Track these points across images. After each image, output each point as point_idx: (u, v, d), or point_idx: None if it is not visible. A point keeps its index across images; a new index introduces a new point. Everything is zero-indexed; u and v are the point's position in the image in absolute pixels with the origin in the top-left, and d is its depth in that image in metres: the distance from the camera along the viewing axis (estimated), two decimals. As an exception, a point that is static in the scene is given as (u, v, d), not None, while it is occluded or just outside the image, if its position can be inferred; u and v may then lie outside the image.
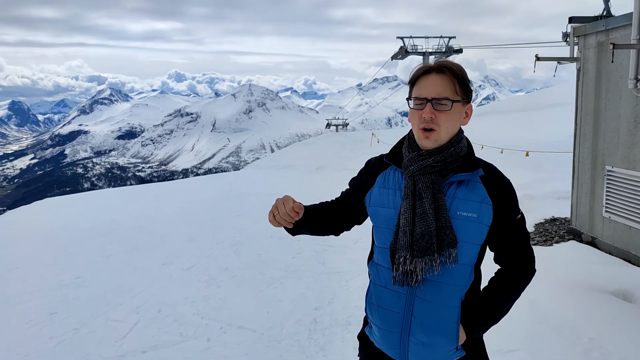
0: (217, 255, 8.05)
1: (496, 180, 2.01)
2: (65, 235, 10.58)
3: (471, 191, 1.96)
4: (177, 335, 5.02)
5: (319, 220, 2.20)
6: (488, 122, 29.90)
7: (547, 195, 10.22)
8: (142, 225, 11.07)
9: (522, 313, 4.88)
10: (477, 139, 18.51)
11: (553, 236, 7.82)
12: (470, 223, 1.93)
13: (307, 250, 8.03)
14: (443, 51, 38.30)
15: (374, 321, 2.08)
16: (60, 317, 5.66)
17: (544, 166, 15.52)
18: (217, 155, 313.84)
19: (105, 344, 4.84)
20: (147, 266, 7.67)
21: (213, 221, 11.08)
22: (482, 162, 2.05)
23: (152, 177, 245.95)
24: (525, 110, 34.46)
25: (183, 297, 6.11)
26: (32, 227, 12.39)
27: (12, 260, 8.78)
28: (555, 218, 8.79)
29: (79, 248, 9.23)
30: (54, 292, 6.61)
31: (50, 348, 4.84)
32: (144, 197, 17.20)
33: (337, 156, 25.78)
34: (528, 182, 12.45)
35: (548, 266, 6.24)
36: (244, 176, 23.25)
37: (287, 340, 4.79)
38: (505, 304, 2.05)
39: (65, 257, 8.61)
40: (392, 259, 1.96)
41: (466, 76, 1.96)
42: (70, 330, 5.23)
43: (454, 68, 1.93)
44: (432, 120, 1.90)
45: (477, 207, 1.94)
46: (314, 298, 5.91)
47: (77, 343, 4.92)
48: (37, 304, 6.15)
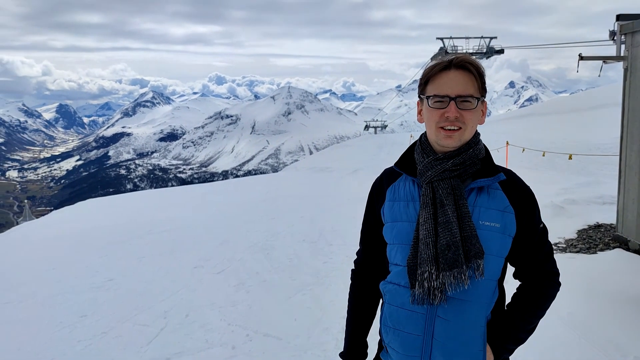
0: (248, 259, 7.98)
1: (517, 186, 1.87)
2: (103, 236, 10.75)
3: (492, 199, 1.81)
4: (202, 341, 4.94)
5: (370, 313, 2.14)
6: (530, 124, 29.14)
7: (591, 200, 9.78)
8: (178, 227, 11.15)
9: (560, 327, 4.61)
10: (518, 141, 18.01)
11: (597, 244, 7.44)
12: (494, 234, 1.78)
13: (339, 255, 7.88)
14: (484, 52, 37.53)
15: (390, 345, 1.90)
16: (90, 320, 5.68)
17: (588, 170, 14.97)
18: (256, 157, 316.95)
19: (131, 349, 4.80)
20: (178, 269, 7.67)
21: (247, 224, 11.05)
22: (500, 167, 1.89)
23: (193, 178, 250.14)
24: (569, 111, 33.42)
25: (211, 302, 6.05)
26: (73, 228, 12.68)
27: (52, 260, 8.96)
28: (599, 224, 8.38)
29: (114, 249, 9.33)
30: (86, 294, 6.65)
31: (78, 352, 4.83)
32: (183, 199, 17.41)
33: (375, 158, 25.56)
34: (571, 186, 12.00)
35: (591, 276, 5.91)
36: (281, 178, 23.30)
37: (313, 350, 4.65)
38: (532, 321, 1.91)
39: (100, 258, 8.71)
40: (412, 276, 1.78)
41: (484, 72, 1.81)
42: (98, 334, 5.23)
43: (475, 64, 1.79)
44: (457, 120, 1.75)
45: (500, 216, 1.80)
46: (343, 306, 5.70)
47: (104, 347, 4.90)
48: (69, 306, 6.20)
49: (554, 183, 12.93)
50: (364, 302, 2.11)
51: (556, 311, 4.82)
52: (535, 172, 15.52)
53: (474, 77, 1.78)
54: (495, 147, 16.31)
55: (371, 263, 2.07)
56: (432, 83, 1.81)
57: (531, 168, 16.38)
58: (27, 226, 15.98)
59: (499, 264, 1.81)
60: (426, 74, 1.84)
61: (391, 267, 1.92)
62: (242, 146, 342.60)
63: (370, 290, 2.08)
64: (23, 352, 5.00)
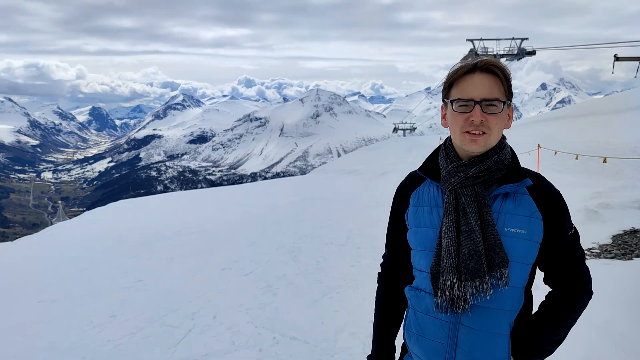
0: (276, 262, 7.98)
1: (545, 191, 1.79)
2: (133, 237, 10.90)
3: (519, 204, 1.75)
4: (229, 344, 4.95)
5: (398, 316, 2.09)
6: (562, 126, 28.54)
7: (626, 205, 9.50)
8: (206, 228, 11.24)
9: (594, 336, 4.46)
10: (550, 144, 17.66)
11: (633, 249, 7.22)
12: (520, 240, 1.72)
13: (367, 258, 7.83)
14: (515, 53, 36.94)
15: (414, 351, 1.88)
16: (119, 320, 5.75)
17: (623, 173, 14.58)
18: (284, 159, 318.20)
19: (158, 350, 4.85)
20: (207, 271, 7.72)
21: (275, 226, 11.07)
22: (529, 171, 1.84)
23: (222, 180, 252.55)
24: (603, 113, 32.61)
25: (239, 304, 6.06)
26: (105, 228, 12.90)
27: (83, 260, 9.13)
28: (635, 230, 8.13)
29: (144, 250, 9.45)
30: (116, 294, 6.75)
31: (107, 351, 4.90)
32: (212, 200, 17.56)
33: (403, 161, 25.36)
34: (605, 190, 11.69)
35: (627, 283, 5.74)
36: (309, 181, 23.31)
37: (340, 354, 4.61)
38: (560, 332, 1.82)
39: (130, 259, 8.83)
40: (435, 284, 1.75)
41: (510, 75, 1.75)
42: (127, 334, 5.29)
43: (501, 66, 1.73)
44: (482, 124, 1.70)
45: (526, 222, 1.73)
46: (371, 310, 5.65)
47: (132, 348, 4.96)
48: (99, 306, 6.30)
49: (587, 187, 12.62)
50: (391, 306, 2.08)
51: (591, 319, 4.68)
52: (568, 175, 15.19)
53: (500, 81, 1.72)
54: (526, 150, 16.02)
55: (397, 267, 2.05)
56: (456, 86, 1.76)
57: (563, 171, 16.03)
58: (60, 226, 16.34)
59: (525, 271, 1.76)
60: (450, 77, 1.79)
61: (415, 273, 1.90)
62: (270, 148, 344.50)
63: (396, 294, 2.05)
64: (55, 351, 5.09)
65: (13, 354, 5.08)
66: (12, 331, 5.77)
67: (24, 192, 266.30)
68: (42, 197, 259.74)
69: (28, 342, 5.40)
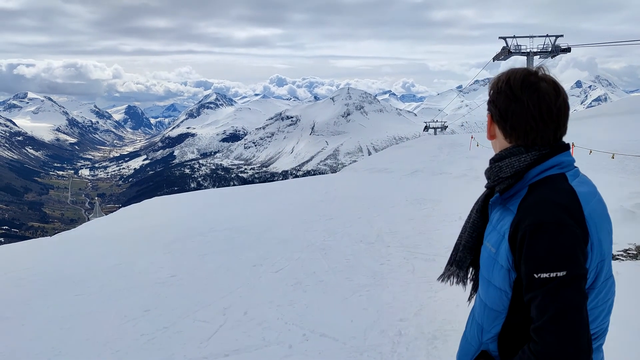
0: (306, 259, 8.04)
1: (526, 211, 1.55)
2: (167, 233, 11.09)
3: (501, 219, 1.66)
4: (260, 339, 5.02)
5: None
6: (598, 124, 27.82)
7: (665, 205, 9.24)
8: (238, 225, 11.36)
9: (634, 339, 4.37)
10: (585, 143, 17.26)
11: (673, 252, 7.04)
12: (490, 259, 1.66)
13: (397, 257, 7.80)
14: (549, 50, 36.13)
15: None
16: (153, 314, 5.89)
17: (662, 173, 14.13)
18: (315, 157, 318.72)
19: (191, 345, 4.95)
20: (238, 267, 7.82)
21: (305, 223, 11.12)
22: (540, 182, 1.62)
23: (254, 178, 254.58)
24: (642, 111, 31.69)
25: (269, 301, 6.13)
26: (140, 224, 13.16)
27: (118, 256, 9.34)
28: (674, 231, 7.92)
29: (178, 246, 9.61)
30: (150, 289, 6.90)
31: (140, 345, 5.03)
32: (244, 198, 17.72)
33: (434, 160, 25.09)
34: (643, 190, 11.37)
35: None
36: (340, 179, 23.29)
37: (369, 352, 4.63)
38: None
39: (164, 255, 9.00)
40: None
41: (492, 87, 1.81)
42: (160, 329, 5.41)
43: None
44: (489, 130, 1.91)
45: (499, 241, 1.63)
46: (400, 308, 5.69)
47: (165, 342, 5.07)
48: (134, 301, 6.45)
49: (624, 186, 12.29)
50: None
51: (629, 323, 4.59)
52: (604, 174, 14.80)
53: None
54: (561, 148, 15.64)
55: None
56: None
57: (599, 170, 15.62)
58: (97, 222, 16.74)
59: (500, 296, 1.63)
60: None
61: None
62: (301, 147, 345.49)
63: None
64: (92, 342, 5.24)
65: (52, 346, 5.25)
66: (50, 324, 5.95)
67: (63, 188, 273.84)
68: (79, 194, 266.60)
69: (65, 335, 5.56)
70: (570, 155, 1.72)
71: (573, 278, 1.42)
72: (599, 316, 1.59)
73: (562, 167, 1.65)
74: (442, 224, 9.77)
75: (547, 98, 1.61)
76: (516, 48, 36.49)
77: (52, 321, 6.04)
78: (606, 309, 1.61)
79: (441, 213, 11.10)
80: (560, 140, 1.72)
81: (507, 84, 1.66)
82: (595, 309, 1.57)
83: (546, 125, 1.64)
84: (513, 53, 36.54)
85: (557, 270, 1.42)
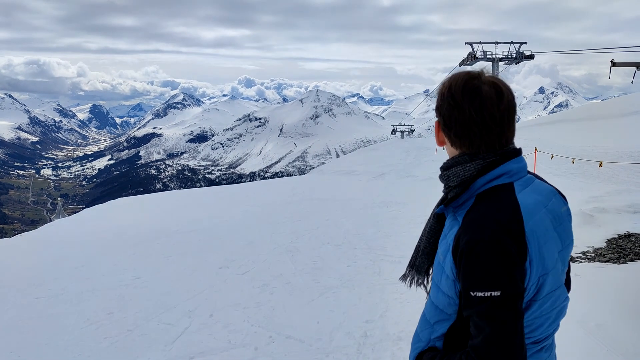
0: (273, 261, 8.02)
1: (467, 225, 1.54)
2: (132, 234, 10.93)
3: (449, 229, 1.65)
4: (225, 342, 4.99)
5: None
6: (560, 130, 28.60)
7: (621, 209, 9.56)
8: (205, 227, 11.27)
9: (587, 339, 4.51)
10: (547, 148, 17.72)
11: (627, 253, 7.27)
12: (439, 266, 1.67)
13: (363, 259, 7.86)
14: (513, 57, 37.01)
15: None
16: (116, 317, 5.79)
17: (619, 177, 14.65)
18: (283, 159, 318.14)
19: (155, 348, 4.88)
20: (204, 269, 7.76)
21: (272, 225, 11.11)
22: (487, 192, 1.60)
23: (221, 179, 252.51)
24: (600, 118, 32.70)
25: (235, 303, 6.10)
26: (104, 226, 12.92)
27: (81, 257, 9.15)
28: (630, 234, 8.19)
29: (142, 248, 9.48)
30: (114, 291, 6.79)
31: (103, 348, 4.94)
32: (211, 199, 17.57)
33: (401, 163, 25.37)
34: (601, 194, 11.75)
35: (620, 287, 5.78)
36: (308, 181, 23.32)
37: (335, 354, 4.65)
38: None
39: (128, 257, 8.86)
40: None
41: (439, 94, 1.71)
42: (124, 332, 5.33)
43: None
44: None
45: (445, 252, 1.62)
46: (366, 310, 5.74)
47: (129, 345, 4.99)
48: (97, 303, 6.33)
49: (583, 191, 12.68)
50: None
51: (583, 322, 4.74)
52: (564, 179, 15.24)
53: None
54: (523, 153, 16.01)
55: None
56: None
57: (560, 175, 16.09)
58: (59, 223, 16.34)
59: (448, 302, 1.63)
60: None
61: None
62: (269, 148, 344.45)
63: None
64: (52, 347, 5.13)
65: (10, 350, 5.12)
66: (9, 327, 5.80)
67: (23, 188, 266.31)
68: (41, 194, 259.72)
69: (24, 339, 5.42)
70: (522, 161, 1.68)
71: (507, 297, 1.42)
72: (544, 324, 1.60)
73: (511, 176, 1.61)
74: (408, 226, 9.88)
75: (489, 103, 1.55)
76: (482, 54, 37.26)
77: (11, 325, 5.88)
78: (552, 316, 1.62)
79: (407, 215, 11.23)
80: (508, 145, 1.65)
81: (450, 91, 1.62)
82: (540, 318, 1.59)
83: (490, 131, 1.58)
84: (479, 59, 37.30)
85: (491, 289, 1.42)
